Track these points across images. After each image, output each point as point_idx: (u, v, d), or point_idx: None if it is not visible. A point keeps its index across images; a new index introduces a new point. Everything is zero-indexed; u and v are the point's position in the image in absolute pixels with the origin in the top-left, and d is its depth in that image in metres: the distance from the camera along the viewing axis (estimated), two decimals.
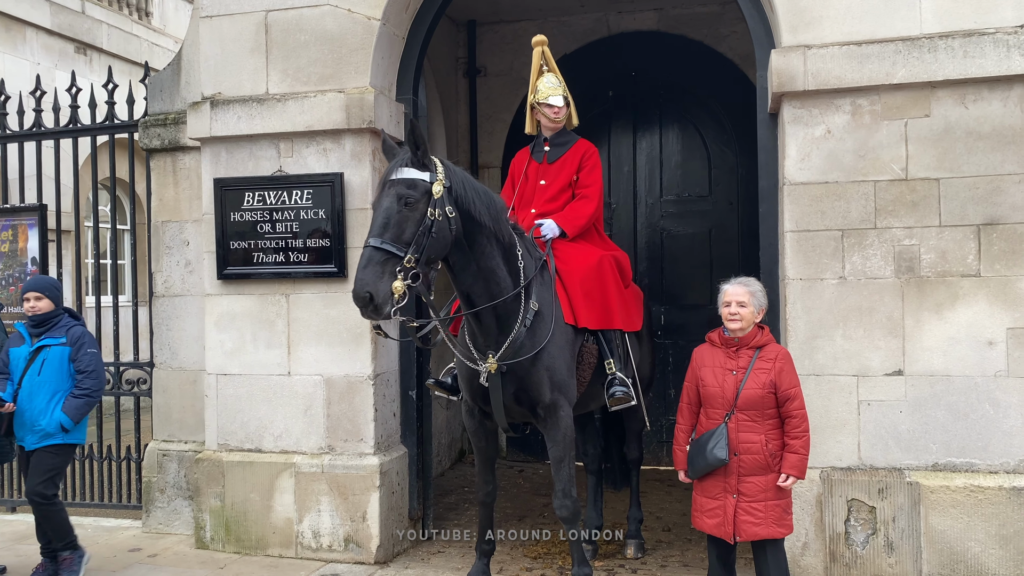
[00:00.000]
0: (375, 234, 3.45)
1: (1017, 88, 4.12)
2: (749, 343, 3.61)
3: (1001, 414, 4.13)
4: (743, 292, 3.60)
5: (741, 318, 3.58)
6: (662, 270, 7.40)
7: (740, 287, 3.63)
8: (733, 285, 3.67)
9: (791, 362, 3.64)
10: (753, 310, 3.60)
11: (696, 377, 3.69)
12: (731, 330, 3.63)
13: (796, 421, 3.54)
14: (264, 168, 5.16)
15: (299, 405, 5.09)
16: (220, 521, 5.17)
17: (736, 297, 3.60)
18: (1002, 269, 4.13)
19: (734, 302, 3.60)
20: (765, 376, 3.54)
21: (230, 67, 5.20)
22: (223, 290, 5.23)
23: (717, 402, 3.59)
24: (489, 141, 7.71)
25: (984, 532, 4.08)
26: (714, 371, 3.63)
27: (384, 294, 3.37)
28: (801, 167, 4.34)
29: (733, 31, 7.06)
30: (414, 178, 3.56)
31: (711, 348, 3.72)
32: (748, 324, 3.60)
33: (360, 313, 3.43)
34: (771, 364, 3.56)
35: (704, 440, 3.58)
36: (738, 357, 3.60)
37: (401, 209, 3.50)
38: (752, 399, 3.53)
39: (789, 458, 3.53)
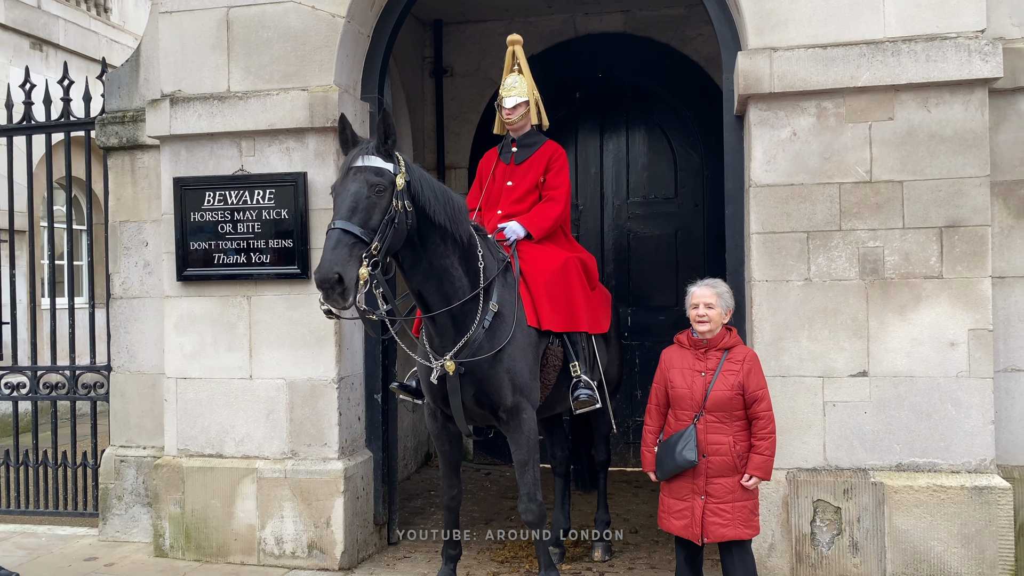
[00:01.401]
0: (343, 216, 3.37)
1: (978, 92, 4.17)
2: (717, 345, 3.62)
3: (963, 414, 4.17)
4: (710, 294, 3.61)
5: (709, 320, 3.60)
6: (629, 271, 7.40)
7: (707, 289, 3.64)
8: (700, 287, 3.67)
9: (759, 364, 3.65)
10: (721, 311, 3.61)
11: (665, 379, 3.70)
12: (699, 332, 3.63)
13: (763, 423, 3.56)
14: (225, 167, 5.05)
15: (261, 409, 4.99)
16: (180, 528, 5.05)
17: (703, 299, 3.61)
18: (963, 271, 4.18)
19: (702, 304, 3.61)
20: (733, 378, 3.55)
21: (190, 64, 5.09)
22: (183, 292, 5.11)
23: (686, 403, 3.60)
24: (456, 142, 7.65)
25: (946, 531, 4.12)
26: (683, 372, 3.63)
27: (352, 278, 3.31)
28: (767, 169, 4.36)
29: (699, 34, 7.09)
30: (382, 167, 3.53)
31: (680, 350, 3.73)
32: (716, 326, 3.61)
33: (323, 296, 3.31)
34: (739, 366, 3.57)
35: (673, 441, 3.59)
36: (707, 359, 3.62)
37: (370, 195, 3.45)
38: (720, 400, 3.54)
39: (754, 459, 3.55)
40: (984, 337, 4.16)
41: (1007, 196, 4.35)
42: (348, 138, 3.66)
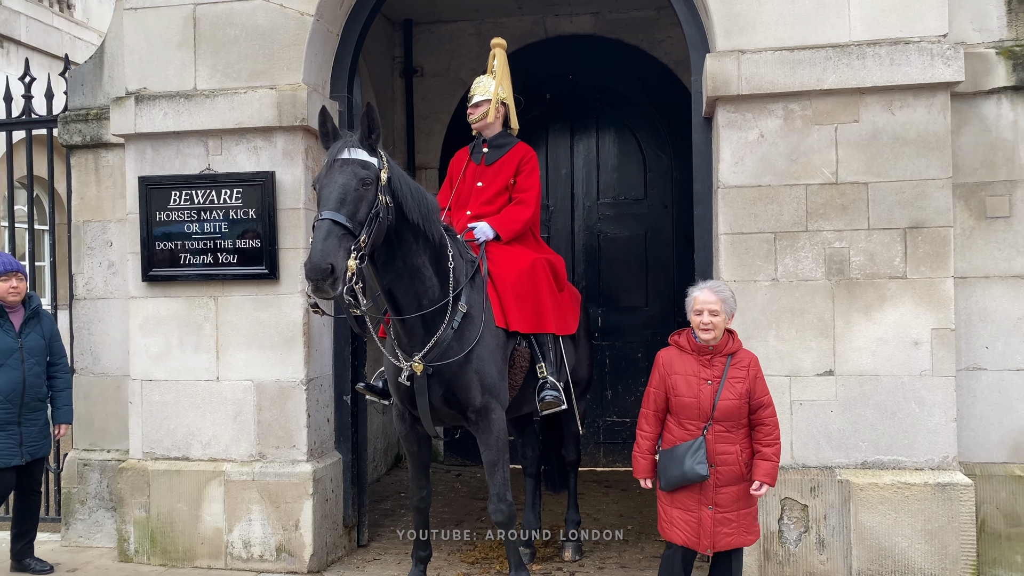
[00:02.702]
0: (332, 207, 3.35)
1: (940, 96, 4.25)
2: (722, 351, 3.50)
3: (926, 412, 4.24)
4: (715, 300, 3.46)
5: (714, 327, 3.45)
6: (599, 272, 7.43)
7: (711, 294, 3.48)
8: (703, 291, 3.50)
9: (760, 368, 3.56)
10: (725, 318, 3.48)
11: (666, 384, 3.53)
12: (703, 340, 3.48)
13: (769, 428, 3.47)
14: (192, 166, 4.99)
15: (228, 411, 4.93)
16: (145, 533, 4.98)
17: (708, 305, 3.45)
18: (927, 271, 4.25)
19: (706, 311, 3.45)
20: (740, 385, 3.44)
21: (156, 61, 5.02)
22: (148, 292, 5.04)
23: (692, 413, 3.46)
24: (426, 142, 7.63)
25: (910, 527, 4.18)
26: (687, 380, 3.48)
27: (341, 268, 3.29)
28: (735, 171, 4.40)
29: (668, 36, 7.14)
30: (367, 160, 3.53)
31: (680, 354, 3.55)
32: (720, 333, 3.49)
33: (312, 287, 3.28)
34: (745, 372, 3.47)
35: (681, 453, 3.44)
36: (712, 366, 3.48)
37: (358, 187, 3.43)
38: (729, 410, 3.43)
39: (762, 466, 3.44)
40: (947, 336, 4.23)
41: (968, 198, 4.43)
42: (329, 131, 3.63)
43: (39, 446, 4.78)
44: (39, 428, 4.77)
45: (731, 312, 3.51)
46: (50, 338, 4.87)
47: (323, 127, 3.63)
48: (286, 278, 4.86)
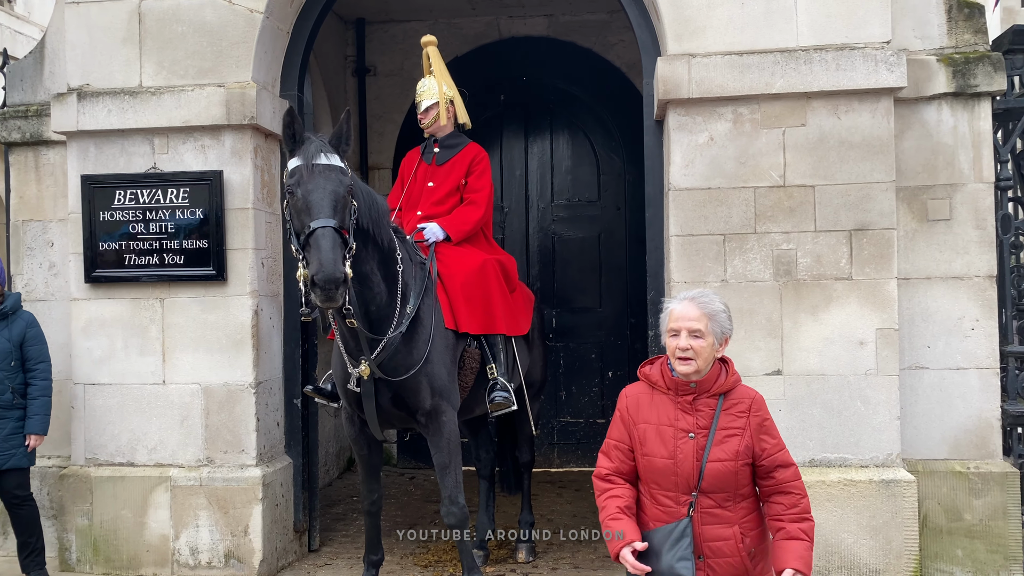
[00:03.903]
0: (327, 214, 3.33)
1: (884, 101, 4.34)
2: (710, 389, 2.59)
3: (871, 411, 4.33)
4: (696, 315, 2.56)
5: (696, 356, 2.55)
6: (554, 273, 7.45)
7: (692, 307, 2.59)
8: (682, 303, 2.62)
9: (768, 411, 2.67)
10: (713, 342, 2.57)
11: (630, 436, 2.65)
12: (681, 373, 2.59)
13: (795, 498, 2.56)
14: (137, 165, 4.87)
15: (175, 415, 4.83)
16: (88, 541, 4.84)
17: (687, 323, 2.56)
18: (871, 272, 4.34)
19: (685, 332, 2.56)
20: (737, 440, 2.55)
21: (99, 57, 4.89)
22: (91, 294, 4.91)
23: (668, 480, 2.55)
24: (379, 142, 7.57)
25: (856, 524, 4.26)
26: (661, 432, 2.58)
27: (343, 277, 3.30)
28: (685, 173, 4.44)
29: (621, 40, 7.19)
30: (345, 168, 3.52)
31: (651, 393, 2.66)
32: (706, 363, 2.58)
33: (324, 296, 3.26)
34: (744, 420, 2.58)
35: (657, 542, 2.54)
36: (696, 411, 2.58)
37: (344, 194, 3.44)
38: (722, 476, 2.52)
39: (791, 548, 2.51)
40: (891, 336, 4.32)
41: (911, 201, 4.54)
42: (296, 133, 3.56)
43: (7, 456, 4.44)
44: (2, 437, 4.43)
45: (724, 334, 2.61)
46: (22, 342, 4.53)
47: (289, 128, 3.56)
48: (234, 279, 4.77)
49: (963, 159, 4.50)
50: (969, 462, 4.46)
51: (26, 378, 4.54)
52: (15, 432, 4.48)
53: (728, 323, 2.63)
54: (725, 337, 2.62)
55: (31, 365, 4.54)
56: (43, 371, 4.58)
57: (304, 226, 3.33)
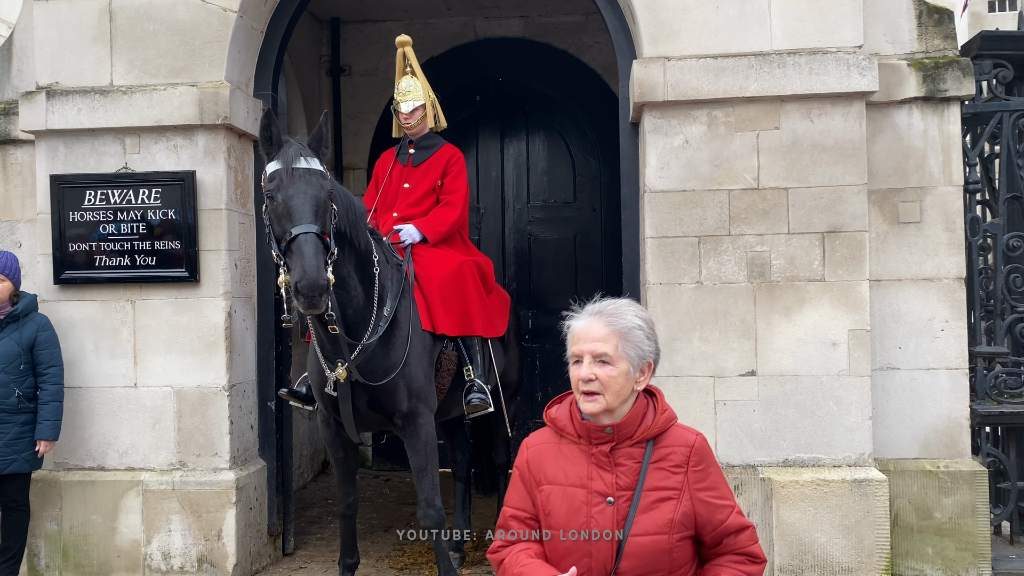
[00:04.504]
0: (310, 220, 3.30)
1: (856, 104, 4.39)
2: (633, 434, 2.00)
3: (844, 411, 4.37)
4: (602, 333, 1.97)
5: (604, 389, 1.96)
6: (530, 275, 7.46)
7: (597, 323, 1.99)
8: (585, 319, 2.02)
9: (714, 461, 2.08)
10: (628, 369, 1.98)
11: (533, 502, 2.05)
12: (588, 413, 2.00)
13: (749, 567, 2.02)
14: (107, 165, 4.80)
15: (147, 419, 4.76)
16: (57, 547, 4.77)
17: (590, 345, 1.97)
18: (844, 274, 4.38)
19: (588, 356, 1.97)
20: (672, 505, 1.96)
21: (69, 55, 4.82)
22: (61, 295, 4.83)
23: (581, 563, 1.95)
24: (355, 142, 7.53)
25: (829, 523, 4.31)
26: (568, 496, 1.97)
27: (327, 283, 3.28)
28: (661, 175, 4.46)
29: (596, 42, 7.21)
30: (325, 171, 3.50)
31: (557, 443, 2.06)
32: (618, 399, 1.98)
33: (307, 304, 3.23)
34: (681, 476, 1.98)
35: None
36: (616, 466, 1.98)
37: (325, 199, 3.41)
38: (652, 554, 1.94)
39: None
40: (863, 337, 4.37)
41: (882, 203, 4.59)
42: (273, 135, 3.53)
43: (7, 461, 4.35)
44: (5, 442, 4.34)
45: (643, 358, 2.00)
46: (33, 345, 4.45)
47: (266, 131, 3.53)
48: (207, 281, 4.72)
49: (933, 162, 4.56)
50: (939, 461, 4.52)
51: (37, 382, 4.47)
52: (19, 437, 4.40)
53: (649, 344, 2.00)
54: (647, 362, 2.00)
55: (42, 369, 4.47)
56: (54, 376, 4.51)
57: (285, 232, 3.30)
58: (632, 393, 2.02)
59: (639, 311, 2.07)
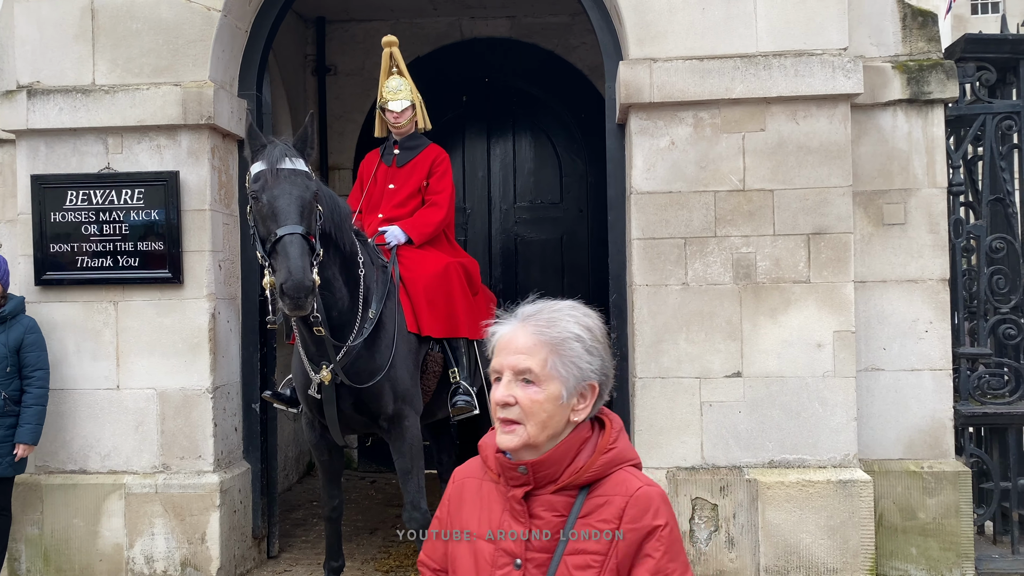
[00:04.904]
0: (295, 221, 3.28)
1: (841, 107, 4.41)
2: (557, 477, 1.55)
3: (829, 412, 4.39)
4: (528, 344, 1.54)
5: (525, 417, 1.53)
6: (516, 275, 7.45)
7: (524, 332, 1.56)
8: (512, 325, 1.59)
9: (670, 522, 1.54)
10: (560, 392, 1.53)
11: (444, 551, 1.67)
12: (505, 448, 1.56)
13: None
14: (90, 165, 4.76)
15: (130, 421, 4.72)
16: (38, 551, 4.71)
17: (512, 358, 1.54)
18: (829, 276, 4.40)
19: (508, 371, 1.54)
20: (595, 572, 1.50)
21: (51, 54, 4.77)
22: (42, 297, 4.78)
23: None
24: (340, 142, 7.50)
25: (814, 524, 4.32)
26: (475, 551, 1.58)
27: (312, 284, 3.26)
28: (647, 177, 4.46)
29: (583, 42, 7.21)
30: (310, 172, 3.48)
31: (480, 479, 1.65)
32: (543, 431, 1.54)
33: (292, 305, 3.22)
34: (608, 541, 1.51)
35: None
36: (531, 517, 1.55)
37: (311, 200, 3.39)
38: None
39: None
40: (848, 339, 4.39)
41: (867, 205, 4.61)
42: (256, 134, 3.54)
43: None
44: None
45: (584, 379, 1.55)
46: (20, 348, 4.40)
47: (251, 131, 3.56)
48: (191, 282, 4.68)
49: (917, 164, 4.59)
50: (923, 462, 4.55)
51: (22, 385, 4.42)
52: (3, 440, 4.35)
53: (592, 360, 1.55)
54: (588, 385, 1.54)
55: (28, 372, 4.43)
56: (39, 379, 4.46)
57: (270, 233, 3.28)
58: (567, 425, 1.55)
59: (583, 317, 1.60)
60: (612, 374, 1.64)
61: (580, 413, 1.58)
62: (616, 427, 1.63)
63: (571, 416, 1.57)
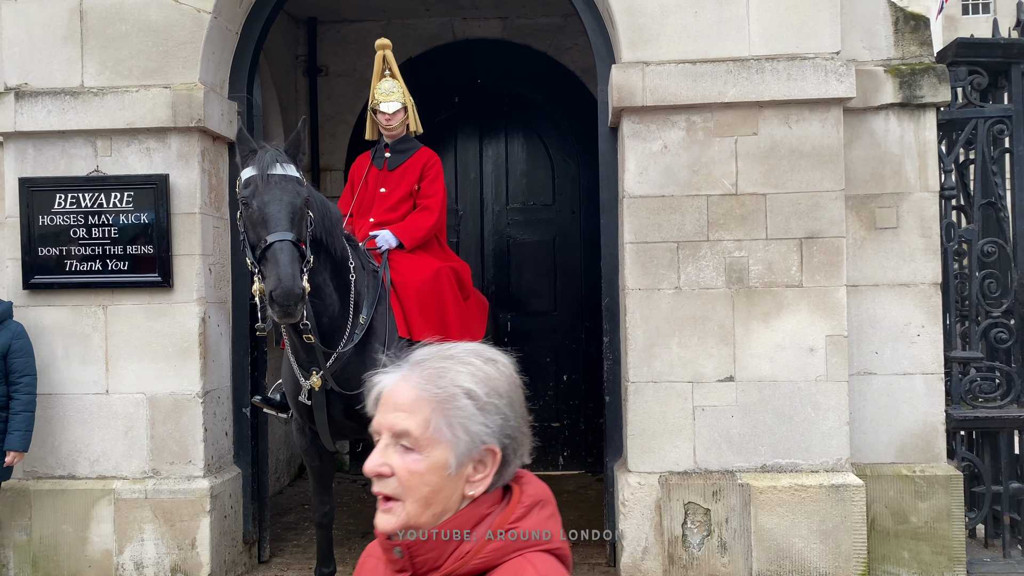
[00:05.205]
0: (286, 227, 3.26)
1: (834, 111, 4.40)
2: (437, 562, 1.28)
3: (821, 416, 4.39)
4: (407, 399, 1.29)
5: (403, 492, 1.28)
6: (508, 277, 7.43)
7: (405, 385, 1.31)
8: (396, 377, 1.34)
9: None
10: (447, 460, 1.27)
11: None
12: (380, 529, 1.32)
13: None
14: (78, 168, 4.72)
15: (119, 426, 4.68)
16: (26, 557, 4.67)
17: (390, 417, 1.30)
18: (821, 280, 4.39)
19: (385, 432, 1.31)
20: None
21: (39, 55, 4.73)
22: (30, 301, 4.74)
23: None
24: (331, 143, 7.47)
25: (807, 528, 4.32)
26: None
27: (302, 291, 3.25)
28: (639, 181, 4.45)
29: (575, 44, 7.19)
30: (301, 177, 3.46)
31: (376, 560, 1.42)
32: (428, 509, 1.28)
33: (281, 312, 3.20)
34: None
35: None
36: None
37: (301, 206, 3.38)
38: None
39: None
40: (840, 343, 4.39)
41: (859, 209, 4.61)
42: (246, 139, 3.53)
43: None
44: None
45: (482, 443, 1.29)
46: (7, 353, 4.36)
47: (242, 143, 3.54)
48: (181, 286, 4.65)
49: (909, 168, 4.59)
50: (915, 465, 4.55)
51: (8, 391, 4.38)
52: None
53: (491, 420, 1.28)
54: (487, 449, 1.27)
55: (15, 378, 4.38)
56: (27, 385, 4.42)
57: (260, 239, 3.26)
58: (462, 500, 1.27)
59: (482, 366, 1.31)
60: (526, 432, 1.34)
61: (477, 485, 1.28)
62: (525, 502, 1.29)
63: (465, 489, 1.28)
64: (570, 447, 7.33)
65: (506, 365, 1.37)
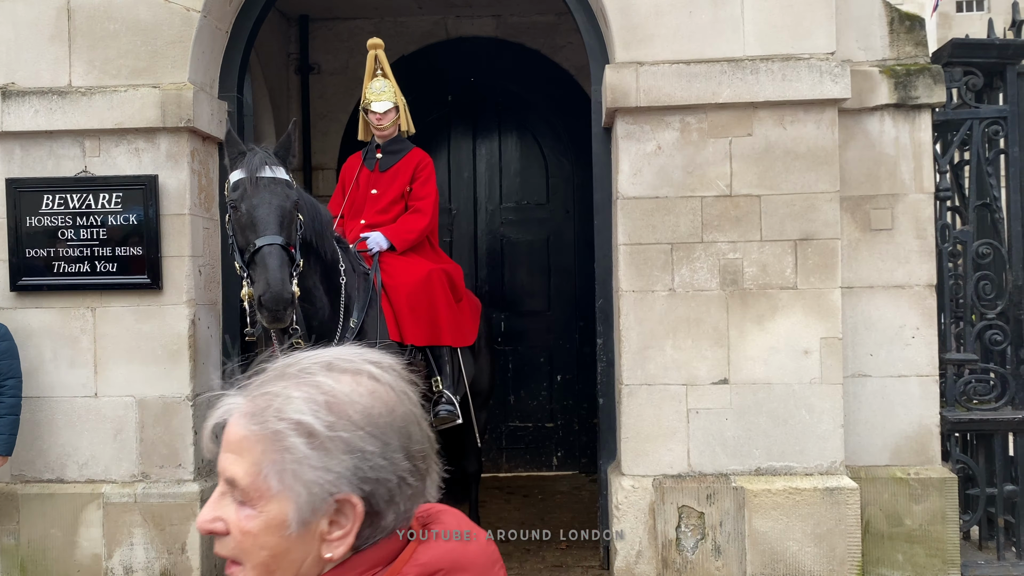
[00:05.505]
0: (275, 231, 3.24)
1: (828, 112, 4.37)
2: None
3: (816, 419, 4.37)
4: (237, 436, 1.03)
5: (239, 551, 1.01)
6: (502, 277, 7.40)
7: (238, 423, 1.04)
8: (233, 417, 1.05)
9: None
10: (287, 516, 0.98)
11: None
12: None
13: None
14: (66, 168, 4.67)
15: (108, 430, 4.64)
16: (14, 562, 4.63)
17: (222, 462, 1.04)
18: (816, 282, 4.37)
19: (221, 478, 1.05)
20: None
21: (26, 54, 4.67)
22: (17, 303, 4.69)
23: None
24: (323, 142, 7.42)
25: (801, 531, 4.30)
26: None
27: (291, 296, 3.23)
28: (633, 182, 4.42)
29: (569, 42, 7.15)
30: (291, 181, 3.43)
31: None
32: (264, 572, 1.00)
33: (270, 317, 3.18)
34: None
35: None
36: None
37: (291, 210, 3.35)
38: None
39: None
40: (835, 345, 4.36)
41: (854, 211, 4.58)
42: (235, 140, 3.51)
43: None
44: None
45: (329, 494, 0.98)
46: None
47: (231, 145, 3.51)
48: (170, 288, 4.60)
49: (904, 170, 4.56)
50: (910, 468, 4.53)
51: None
52: None
53: (331, 461, 0.99)
54: (341, 500, 1.00)
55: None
56: (12, 388, 4.36)
57: (249, 243, 3.22)
58: (321, 565, 1.01)
59: (333, 386, 1.02)
60: (415, 468, 1.03)
61: (336, 546, 0.99)
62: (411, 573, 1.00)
63: (322, 551, 0.99)
64: (564, 447, 7.31)
65: (383, 378, 1.03)
